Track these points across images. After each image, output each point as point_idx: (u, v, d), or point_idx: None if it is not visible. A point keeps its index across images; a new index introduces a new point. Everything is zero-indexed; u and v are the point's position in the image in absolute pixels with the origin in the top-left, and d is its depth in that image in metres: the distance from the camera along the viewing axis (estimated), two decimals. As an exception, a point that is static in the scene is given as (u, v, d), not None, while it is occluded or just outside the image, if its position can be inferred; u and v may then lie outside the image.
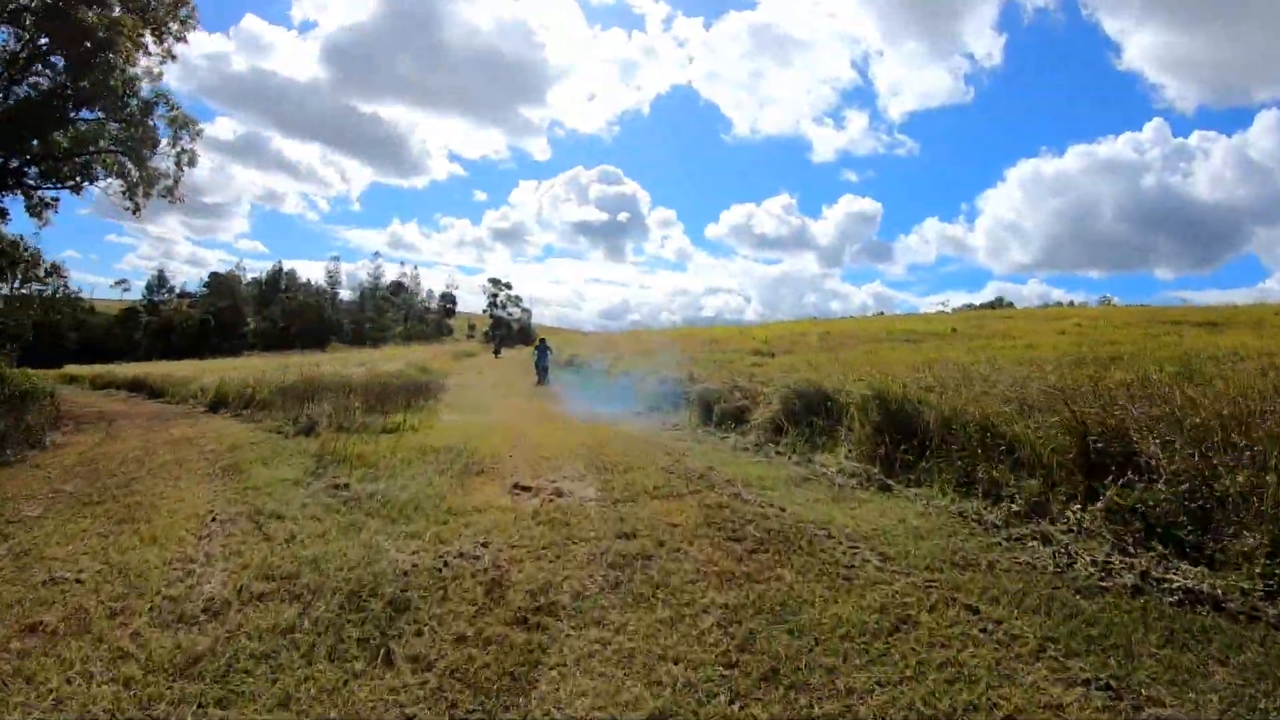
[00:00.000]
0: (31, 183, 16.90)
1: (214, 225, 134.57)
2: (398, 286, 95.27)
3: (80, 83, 15.23)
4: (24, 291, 18.68)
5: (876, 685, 2.65)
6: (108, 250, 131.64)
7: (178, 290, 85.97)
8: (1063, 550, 4.01)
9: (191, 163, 17.95)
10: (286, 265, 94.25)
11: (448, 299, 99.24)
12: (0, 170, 16.04)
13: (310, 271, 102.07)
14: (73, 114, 16.18)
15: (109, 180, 17.45)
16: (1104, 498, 4.15)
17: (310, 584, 3.67)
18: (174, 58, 16.94)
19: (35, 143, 16.20)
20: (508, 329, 71.81)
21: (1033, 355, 10.00)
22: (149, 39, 16.03)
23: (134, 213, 17.57)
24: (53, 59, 15.60)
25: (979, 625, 3.12)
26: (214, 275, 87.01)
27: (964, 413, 5.71)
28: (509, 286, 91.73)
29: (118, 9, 15.36)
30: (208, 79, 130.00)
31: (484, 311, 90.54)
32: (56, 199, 17.58)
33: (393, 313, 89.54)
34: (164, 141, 17.54)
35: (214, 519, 5.07)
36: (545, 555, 4.13)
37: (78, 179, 17.24)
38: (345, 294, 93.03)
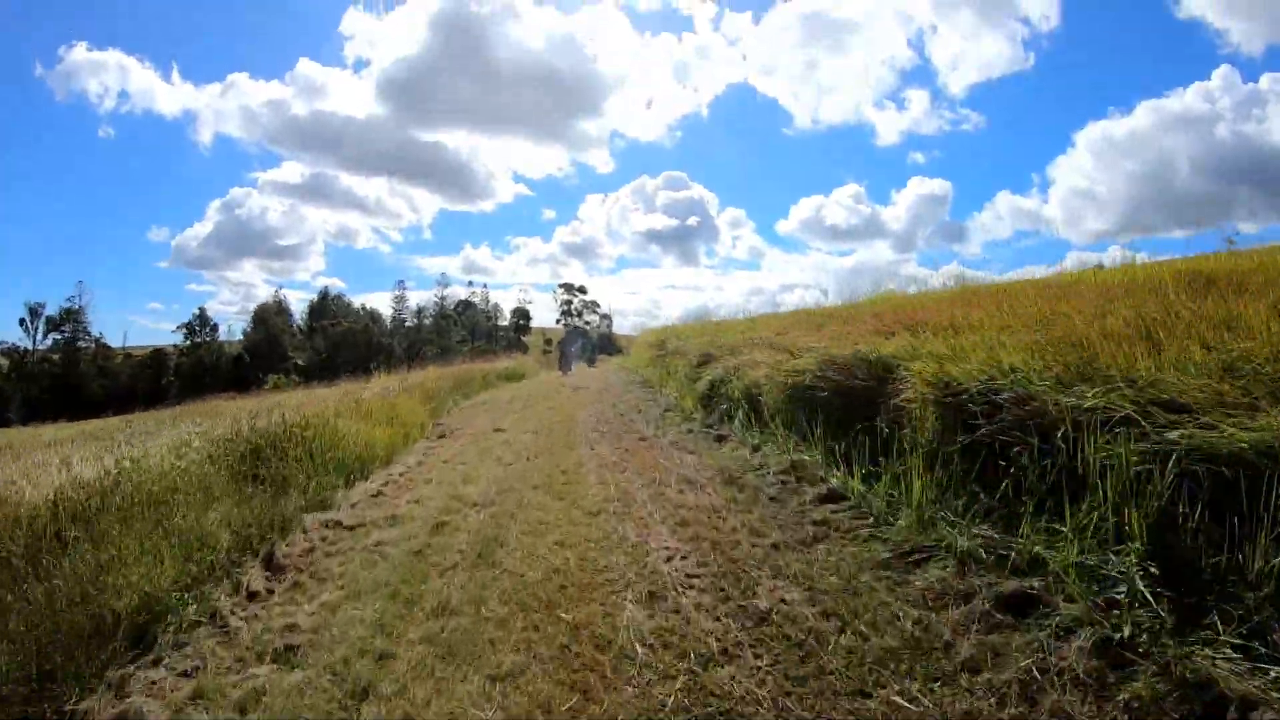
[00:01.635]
0: None
1: (290, 267, 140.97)
2: (466, 305, 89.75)
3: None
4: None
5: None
6: (189, 299, 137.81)
7: (240, 330, 79.89)
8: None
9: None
10: (359, 299, 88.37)
11: (520, 314, 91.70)
12: None
13: (379, 302, 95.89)
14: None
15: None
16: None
17: None
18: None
19: None
20: (584, 338, 59.14)
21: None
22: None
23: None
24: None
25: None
26: (258, 308, 79.71)
27: None
28: (583, 291, 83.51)
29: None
30: (270, 125, 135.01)
31: (557, 321, 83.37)
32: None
33: (457, 331, 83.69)
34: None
35: None
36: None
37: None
38: (408, 317, 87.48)
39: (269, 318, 77.40)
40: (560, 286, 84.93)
